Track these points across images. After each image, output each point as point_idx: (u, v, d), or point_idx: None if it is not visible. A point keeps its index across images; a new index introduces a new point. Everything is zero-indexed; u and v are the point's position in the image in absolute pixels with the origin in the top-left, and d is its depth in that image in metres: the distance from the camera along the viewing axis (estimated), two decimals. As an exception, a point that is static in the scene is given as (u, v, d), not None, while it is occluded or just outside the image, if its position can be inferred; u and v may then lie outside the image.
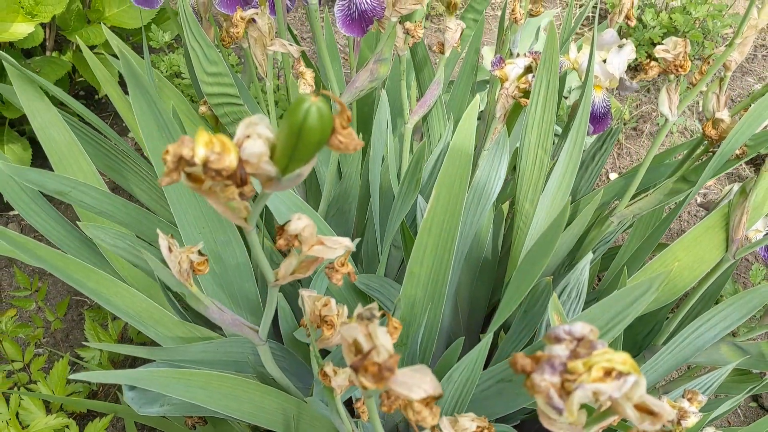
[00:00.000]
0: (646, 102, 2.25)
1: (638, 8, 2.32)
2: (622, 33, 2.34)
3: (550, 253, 0.79)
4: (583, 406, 0.49)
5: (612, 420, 0.59)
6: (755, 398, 1.61)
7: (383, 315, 0.60)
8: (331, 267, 0.69)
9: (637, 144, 2.15)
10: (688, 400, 0.83)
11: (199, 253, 0.68)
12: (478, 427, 0.68)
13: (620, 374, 0.43)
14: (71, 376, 0.69)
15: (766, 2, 0.91)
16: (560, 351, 0.45)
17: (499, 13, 2.58)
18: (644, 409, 0.46)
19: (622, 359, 0.43)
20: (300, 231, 0.60)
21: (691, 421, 0.81)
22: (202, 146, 0.42)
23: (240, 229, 0.98)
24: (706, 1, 2.22)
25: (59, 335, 1.68)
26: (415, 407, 0.56)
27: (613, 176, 2.09)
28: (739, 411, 1.59)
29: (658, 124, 2.18)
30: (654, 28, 2.21)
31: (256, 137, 0.44)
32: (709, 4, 2.22)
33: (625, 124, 2.19)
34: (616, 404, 0.46)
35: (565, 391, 0.44)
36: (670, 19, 2.20)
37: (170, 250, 0.67)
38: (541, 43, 1.98)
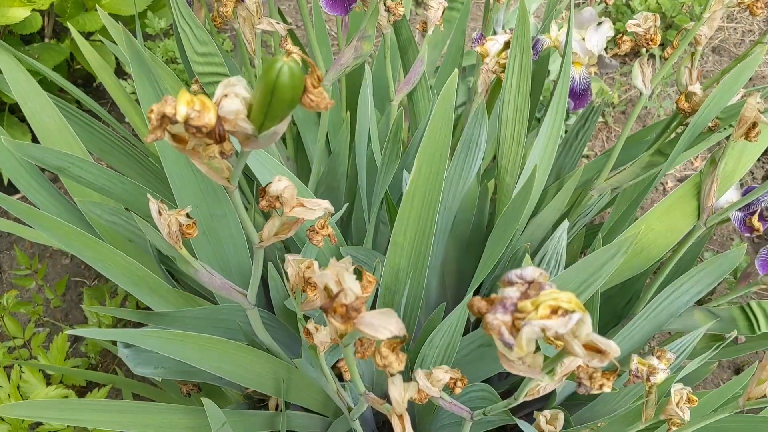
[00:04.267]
0: (634, 86, 2.29)
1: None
2: (612, 19, 2.37)
3: (521, 216, 0.83)
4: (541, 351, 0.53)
5: (570, 370, 0.63)
6: (737, 371, 1.65)
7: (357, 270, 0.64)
8: (312, 229, 0.73)
9: (626, 126, 2.19)
10: (657, 357, 0.87)
11: (187, 216, 0.72)
12: (451, 378, 0.72)
13: (566, 312, 0.47)
14: (72, 332, 0.73)
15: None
16: (512, 293, 0.49)
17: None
18: (592, 348, 0.51)
19: (567, 298, 0.47)
20: (281, 192, 0.64)
21: (659, 377, 0.85)
22: (183, 104, 0.46)
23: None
24: (694, -16, 2.25)
25: (59, 314, 1.73)
26: (382, 351, 0.60)
27: (602, 158, 2.12)
28: (721, 382, 1.64)
29: (647, 107, 2.22)
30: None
31: (233, 96, 0.47)
32: (697, -12, 2.25)
33: (614, 108, 2.22)
34: (565, 343, 0.50)
35: (515, 329, 0.48)
36: (658, 3, 2.23)
37: (160, 213, 0.71)
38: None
